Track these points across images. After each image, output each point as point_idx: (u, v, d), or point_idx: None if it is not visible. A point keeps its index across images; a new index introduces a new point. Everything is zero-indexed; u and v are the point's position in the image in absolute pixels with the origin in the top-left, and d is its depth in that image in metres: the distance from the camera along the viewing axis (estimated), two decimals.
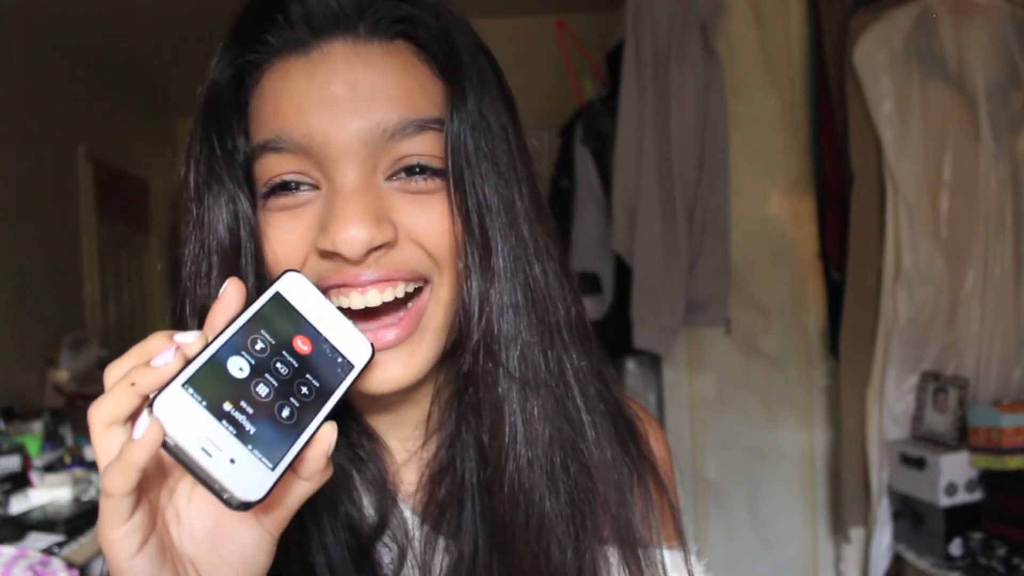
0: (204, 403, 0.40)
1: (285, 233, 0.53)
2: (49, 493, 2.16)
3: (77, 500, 2.18)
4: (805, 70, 2.62)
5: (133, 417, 0.42)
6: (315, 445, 0.44)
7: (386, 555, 0.58)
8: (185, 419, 0.40)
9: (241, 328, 0.44)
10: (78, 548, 1.94)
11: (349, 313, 0.53)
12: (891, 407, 2.26)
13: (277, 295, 0.47)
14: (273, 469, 0.41)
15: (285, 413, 0.43)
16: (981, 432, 2.03)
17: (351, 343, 0.49)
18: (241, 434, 0.41)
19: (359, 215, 0.50)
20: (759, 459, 2.72)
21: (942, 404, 2.17)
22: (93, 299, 3.80)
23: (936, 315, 2.22)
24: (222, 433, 0.40)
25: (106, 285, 3.97)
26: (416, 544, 0.59)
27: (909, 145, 2.20)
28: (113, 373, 0.42)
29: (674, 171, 2.44)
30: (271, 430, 0.42)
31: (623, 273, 2.62)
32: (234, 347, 0.43)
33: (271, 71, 0.54)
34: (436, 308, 0.55)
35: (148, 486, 0.43)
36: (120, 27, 3.46)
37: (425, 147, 0.53)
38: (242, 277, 0.53)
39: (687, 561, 0.62)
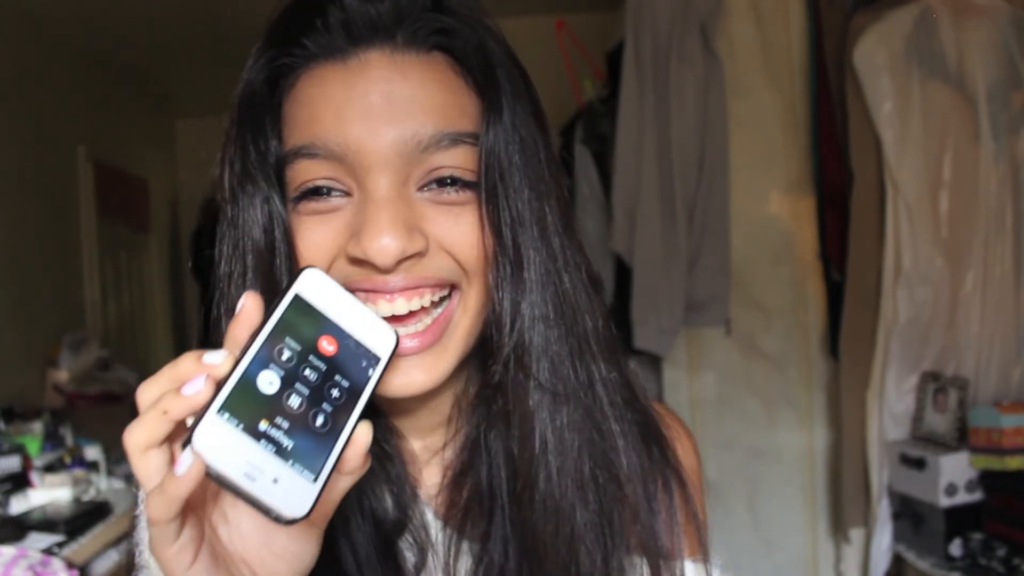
0: (241, 426, 0.40)
1: (315, 237, 0.53)
2: (49, 493, 2.16)
3: (77, 500, 2.18)
4: (805, 70, 2.62)
5: (170, 437, 0.42)
6: (352, 446, 0.44)
7: (408, 554, 0.58)
8: (225, 447, 0.40)
9: (266, 340, 0.43)
10: (78, 548, 1.94)
11: None
12: (891, 407, 2.26)
13: (297, 297, 0.46)
14: (315, 480, 0.42)
15: (319, 421, 0.43)
16: (981, 432, 2.03)
17: (375, 334, 0.48)
18: (280, 451, 0.41)
19: (391, 224, 0.51)
20: (759, 459, 2.72)
21: (942, 404, 2.17)
22: (93, 299, 3.80)
23: (936, 315, 2.22)
24: (262, 454, 0.41)
25: (106, 285, 3.97)
26: (439, 547, 0.59)
27: (909, 145, 2.20)
28: (146, 395, 0.42)
29: (674, 171, 2.44)
30: (308, 441, 0.42)
31: (623, 273, 2.62)
32: (262, 361, 0.42)
33: (307, 76, 0.54)
34: (463, 316, 0.55)
35: (191, 499, 0.43)
36: (120, 27, 3.46)
37: (458, 160, 0.53)
38: (276, 277, 0.54)
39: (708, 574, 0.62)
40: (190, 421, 0.41)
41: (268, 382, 0.42)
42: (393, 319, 0.54)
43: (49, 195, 3.49)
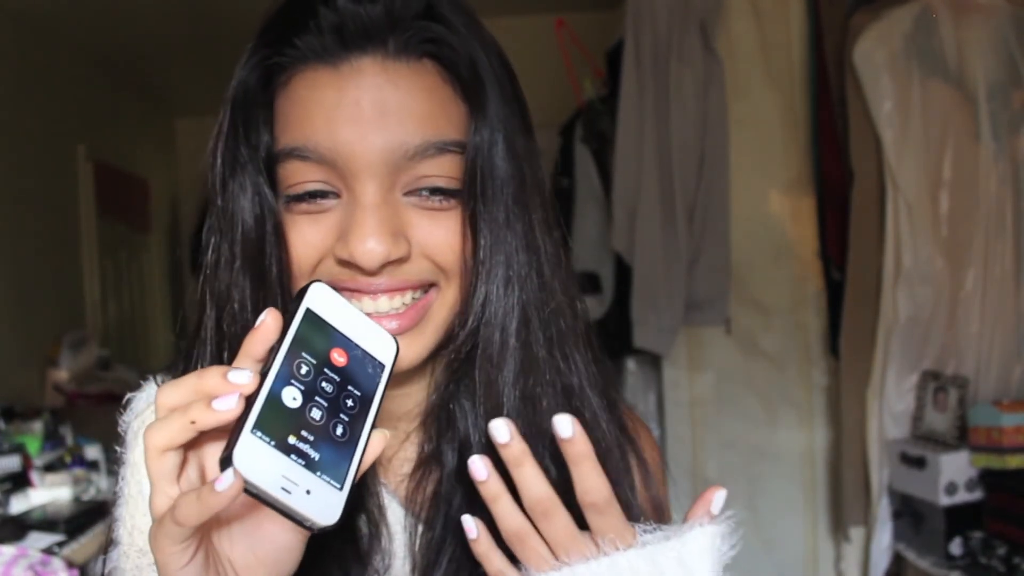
0: (273, 443, 0.43)
1: (306, 236, 0.56)
2: (49, 493, 2.16)
3: (77, 500, 2.18)
4: (805, 69, 2.62)
5: (186, 445, 0.44)
6: (369, 453, 0.47)
7: (364, 531, 0.60)
8: (261, 464, 0.42)
9: (286, 356, 0.45)
10: (78, 548, 1.94)
11: None
12: (891, 406, 2.26)
13: (308, 311, 0.48)
14: (341, 489, 0.45)
15: (339, 431, 0.46)
16: (981, 431, 2.03)
17: (377, 342, 0.50)
18: (309, 464, 0.44)
19: (377, 229, 0.53)
20: (759, 459, 2.72)
21: (942, 403, 2.17)
22: (93, 299, 3.80)
23: (936, 314, 2.22)
24: (294, 468, 0.43)
25: (106, 285, 3.97)
26: (397, 533, 0.61)
27: (909, 144, 2.20)
28: (168, 399, 0.44)
29: (674, 170, 2.44)
30: (332, 452, 0.45)
31: (623, 273, 2.62)
32: (284, 378, 0.44)
33: (300, 77, 0.56)
34: (441, 307, 0.58)
35: None
36: (120, 27, 3.46)
37: (443, 168, 0.55)
38: (266, 266, 0.56)
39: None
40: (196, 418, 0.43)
41: (292, 397, 0.44)
42: (375, 314, 0.56)
43: (49, 195, 3.49)
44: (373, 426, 0.47)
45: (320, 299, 0.48)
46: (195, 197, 4.36)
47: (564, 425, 0.51)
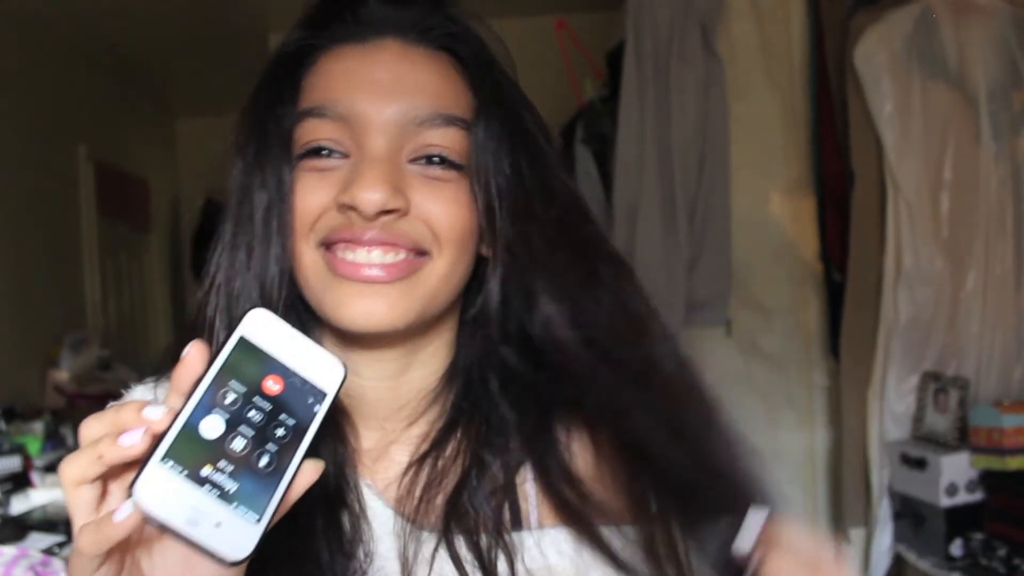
0: (184, 473, 0.41)
1: (312, 189, 0.59)
2: (50, 493, 2.16)
3: None
4: (805, 70, 2.62)
5: (104, 476, 0.43)
6: (295, 487, 0.45)
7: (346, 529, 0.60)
8: (167, 495, 0.41)
9: (209, 386, 0.44)
10: None
11: (354, 267, 0.57)
12: (891, 407, 2.26)
13: (242, 339, 0.46)
14: (259, 521, 0.43)
15: (263, 462, 0.44)
16: (982, 432, 2.03)
17: (321, 368, 0.48)
18: (224, 495, 0.42)
19: (380, 178, 0.57)
20: (759, 459, 2.72)
21: (943, 404, 2.17)
22: (93, 299, 3.80)
23: (937, 315, 2.22)
24: (205, 499, 0.41)
25: (106, 285, 3.96)
26: (384, 535, 0.60)
27: (910, 145, 2.20)
28: (87, 432, 0.44)
29: (674, 171, 2.44)
30: (252, 482, 0.43)
31: None
32: (205, 407, 0.43)
33: (328, 54, 0.62)
34: (431, 275, 0.60)
35: None
36: (121, 27, 3.46)
37: (448, 140, 0.60)
38: (274, 227, 0.59)
39: None
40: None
41: (211, 427, 0.43)
42: (367, 263, 0.58)
43: (49, 195, 3.49)
44: (308, 456, 0.45)
45: (257, 326, 0.47)
46: (195, 197, 4.36)
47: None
